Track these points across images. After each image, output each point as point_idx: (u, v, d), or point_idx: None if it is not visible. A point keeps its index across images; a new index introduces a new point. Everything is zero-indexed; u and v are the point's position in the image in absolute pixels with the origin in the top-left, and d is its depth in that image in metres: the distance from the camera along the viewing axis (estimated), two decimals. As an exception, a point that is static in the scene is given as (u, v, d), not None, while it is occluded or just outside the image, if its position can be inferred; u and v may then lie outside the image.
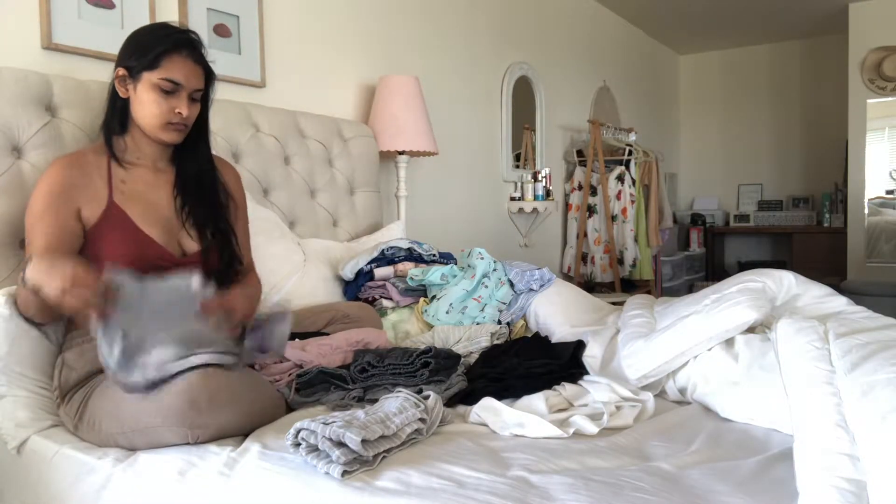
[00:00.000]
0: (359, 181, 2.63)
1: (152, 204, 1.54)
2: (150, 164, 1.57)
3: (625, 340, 1.67)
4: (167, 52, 1.46)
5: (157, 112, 1.48)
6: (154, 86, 1.47)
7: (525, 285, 2.19)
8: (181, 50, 1.48)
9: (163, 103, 1.48)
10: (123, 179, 1.52)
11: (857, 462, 0.98)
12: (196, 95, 1.53)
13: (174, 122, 1.51)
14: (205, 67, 1.54)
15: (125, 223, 1.47)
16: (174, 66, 1.47)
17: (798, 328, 1.35)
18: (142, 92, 1.48)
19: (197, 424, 1.23)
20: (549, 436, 1.26)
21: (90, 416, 1.34)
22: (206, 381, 1.24)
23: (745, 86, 6.18)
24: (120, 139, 1.54)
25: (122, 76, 1.50)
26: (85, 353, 1.42)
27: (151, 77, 1.46)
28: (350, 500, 1.03)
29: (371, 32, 2.93)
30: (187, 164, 1.61)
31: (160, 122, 1.50)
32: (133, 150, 1.55)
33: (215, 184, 1.64)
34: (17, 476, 1.39)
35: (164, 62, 1.46)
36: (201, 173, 1.62)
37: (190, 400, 1.22)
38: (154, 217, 1.52)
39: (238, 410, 1.28)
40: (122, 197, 1.50)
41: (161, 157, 1.59)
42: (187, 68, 1.49)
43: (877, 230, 5.02)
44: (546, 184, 3.91)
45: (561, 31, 4.43)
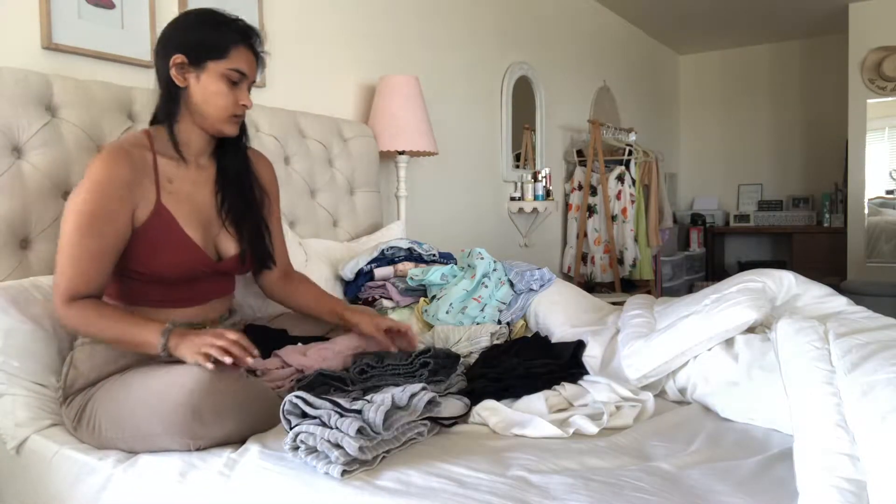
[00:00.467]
0: (359, 181, 2.63)
1: (197, 204, 1.50)
2: (193, 159, 1.52)
3: (625, 340, 1.67)
4: (235, 41, 1.43)
5: (224, 104, 1.44)
6: (222, 76, 1.42)
7: (525, 285, 2.19)
8: (246, 39, 1.45)
9: (230, 94, 1.44)
10: (170, 178, 1.46)
11: (857, 462, 0.98)
12: (251, 86, 1.51)
13: (238, 115, 1.48)
14: (258, 58, 1.50)
15: (172, 227, 1.43)
16: (241, 57, 1.44)
17: (798, 328, 1.35)
18: (207, 82, 1.42)
19: (199, 435, 1.22)
20: (549, 436, 1.26)
21: (90, 420, 1.32)
22: (209, 392, 1.21)
23: (745, 86, 6.18)
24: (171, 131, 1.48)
25: (180, 63, 1.42)
26: (95, 355, 1.39)
27: (219, 67, 1.42)
28: (350, 500, 1.03)
29: (371, 32, 2.93)
30: (229, 159, 1.56)
31: (226, 115, 1.45)
32: (181, 143, 1.48)
33: (252, 179, 1.61)
34: (16, 476, 1.39)
35: (233, 52, 1.42)
36: (241, 169, 1.58)
37: (193, 410, 1.20)
38: (197, 219, 1.49)
39: (240, 420, 1.26)
40: (170, 198, 1.45)
41: (205, 152, 1.54)
42: (250, 59, 1.46)
43: (877, 230, 5.02)
44: (546, 184, 3.91)
45: (561, 31, 4.43)
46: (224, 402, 1.23)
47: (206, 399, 1.21)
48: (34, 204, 1.63)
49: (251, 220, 1.58)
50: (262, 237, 1.60)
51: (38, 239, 1.64)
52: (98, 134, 1.77)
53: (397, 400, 1.22)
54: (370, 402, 1.19)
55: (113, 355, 1.39)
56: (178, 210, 1.45)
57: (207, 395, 1.21)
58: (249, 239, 1.57)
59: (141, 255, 1.41)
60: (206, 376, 1.22)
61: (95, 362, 1.39)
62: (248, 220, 1.57)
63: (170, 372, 1.28)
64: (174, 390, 1.22)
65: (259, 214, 1.61)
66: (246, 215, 1.57)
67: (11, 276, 1.58)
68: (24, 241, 1.63)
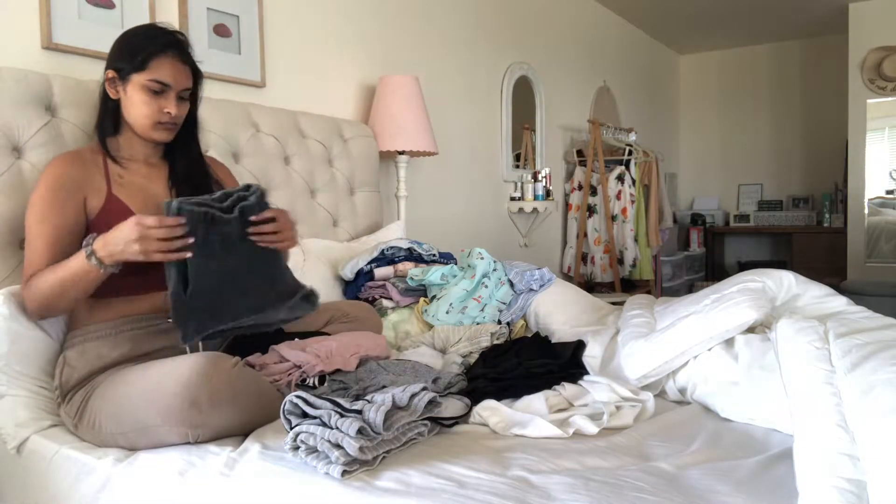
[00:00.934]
0: (359, 181, 2.63)
1: (150, 196, 1.57)
2: (142, 160, 1.61)
3: (625, 340, 1.67)
4: (154, 53, 1.50)
5: (147, 112, 1.52)
6: (143, 87, 1.51)
7: (525, 285, 2.19)
8: (168, 51, 1.52)
9: (152, 103, 1.52)
10: (120, 174, 1.56)
11: (857, 462, 0.98)
12: (184, 94, 1.57)
13: (164, 122, 1.54)
14: (192, 67, 1.58)
15: (125, 213, 1.48)
16: (162, 68, 1.51)
17: (798, 328, 1.35)
18: (132, 93, 1.52)
19: (197, 424, 1.24)
20: (550, 436, 1.26)
21: (90, 416, 1.34)
22: (206, 381, 1.25)
23: (745, 86, 6.18)
24: (113, 139, 1.58)
25: (111, 78, 1.53)
26: (86, 352, 1.42)
27: (140, 79, 1.50)
28: (350, 500, 1.03)
29: (371, 32, 2.93)
30: (178, 161, 1.64)
31: (150, 122, 1.53)
32: (126, 149, 1.59)
33: (207, 179, 1.67)
34: (16, 476, 1.39)
35: (152, 64, 1.50)
36: (192, 169, 1.65)
37: (191, 400, 1.23)
38: (152, 209, 1.52)
39: (238, 409, 1.28)
40: (121, 189, 1.53)
41: (153, 154, 1.63)
42: (175, 69, 1.53)
43: (877, 230, 5.02)
44: (546, 184, 3.91)
45: (561, 31, 4.43)
46: (221, 390, 1.25)
47: (203, 387, 1.24)
48: (34, 204, 1.63)
49: None
50: None
51: (38, 239, 1.64)
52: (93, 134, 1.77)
53: (398, 400, 1.22)
54: (370, 403, 1.19)
55: (105, 349, 1.43)
56: (131, 199, 1.53)
57: (204, 383, 1.24)
58: None
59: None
60: (203, 365, 1.27)
61: (88, 357, 1.42)
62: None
63: (166, 364, 1.32)
64: (171, 380, 1.26)
65: None
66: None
67: (11, 276, 1.58)
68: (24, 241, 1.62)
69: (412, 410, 1.23)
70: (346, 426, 1.11)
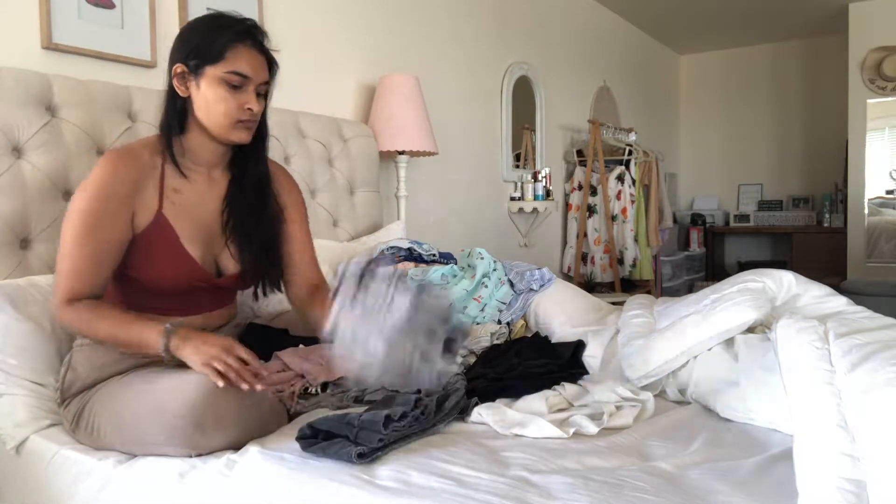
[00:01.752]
0: (359, 181, 2.63)
1: (200, 219, 1.44)
2: (205, 170, 1.47)
3: (625, 340, 1.68)
4: (231, 42, 1.35)
5: (226, 109, 1.37)
6: (220, 80, 1.35)
7: (525, 285, 2.19)
8: (245, 40, 1.37)
9: (231, 99, 1.36)
10: (176, 188, 1.42)
11: (857, 462, 0.98)
12: (262, 89, 1.43)
13: (244, 120, 1.39)
14: (268, 57, 1.43)
15: (171, 239, 1.39)
16: (240, 58, 1.36)
17: (798, 328, 1.35)
18: (206, 89, 1.36)
19: (201, 445, 1.21)
20: (550, 436, 1.26)
21: (88, 423, 1.32)
22: (212, 403, 1.20)
23: (745, 86, 6.18)
24: (178, 141, 1.42)
25: (180, 73, 1.37)
26: (93, 358, 1.38)
27: (216, 71, 1.35)
28: (350, 499, 1.03)
29: (371, 32, 2.93)
30: (247, 170, 1.49)
31: (230, 121, 1.38)
32: (191, 154, 1.44)
33: (268, 193, 1.52)
34: (16, 476, 1.39)
35: (229, 54, 1.35)
36: (257, 180, 1.50)
37: (195, 422, 1.19)
38: (199, 234, 1.44)
39: (241, 430, 1.24)
40: (172, 209, 1.40)
41: (218, 164, 1.48)
42: (253, 59, 1.38)
43: (877, 230, 5.02)
44: (546, 184, 3.91)
45: (561, 31, 4.43)
46: (227, 413, 1.21)
47: (209, 410, 1.19)
48: (34, 204, 1.63)
49: (258, 237, 1.50)
50: (267, 255, 1.52)
51: (38, 239, 1.64)
52: (98, 134, 1.77)
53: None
54: None
55: (112, 358, 1.38)
56: (178, 222, 1.40)
57: (210, 406, 1.20)
58: (252, 258, 1.49)
59: (137, 263, 1.38)
60: (210, 387, 1.20)
61: (94, 364, 1.38)
62: (254, 239, 1.49)
63: (172, 380, 1.26)
64: (177, 401, 1.21)
65: (271, 231, 1.52)
66: (252, 233, 1.49)
67: (11, 276, 1.58)
68: (24, 241, 1.63)
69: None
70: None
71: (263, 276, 1.53)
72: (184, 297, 1.45)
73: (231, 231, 1.48)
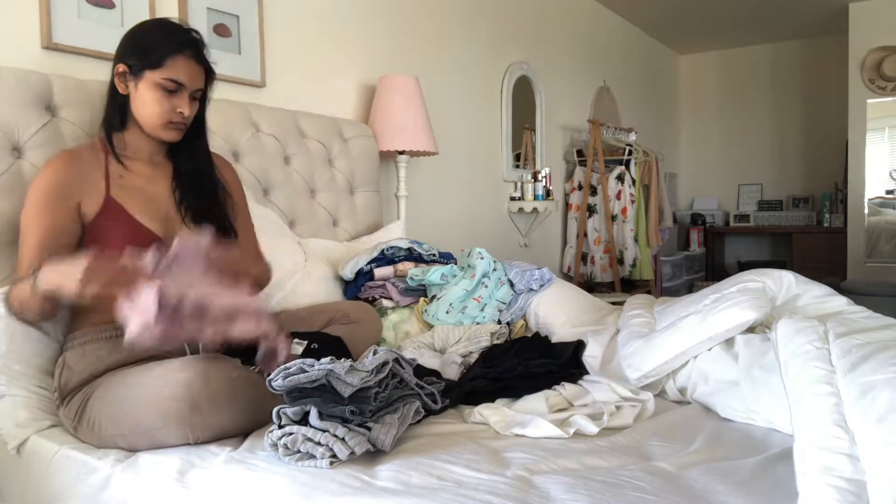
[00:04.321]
0: (359, 181, 2.63)
1: (151, 197, 1.54)
2: (146, 158, 1.58)
3: (625, 340, 1.68)
4: (171, 52, 1.47)
5: (160, 111, 1.49)
6: (157, 85, 1.48)
7: (525, 285, 2.19)
8: (185, 50, 1.49)
9: (165, 102, 1.49)
10: (121, 174, 1.52)
11: (857, 462, 0.98)
12: (196, 94, 1.55)
13: (175, 122, 1.52)
14: (206, 67, 1.55)
15: (124, 216, 1.47)
16: (178, 67, 1.48)
17: (798, 328, 1.35)
18: (143, 90, 1.49)
19: (197, 425, 1.24)
20: (550, 436, 1.26)
21: (89, 419, 1.33)
22: (206, 383, 1.24)
23: (745, 86, 6.18)
24: (119, 136, 1.55)
25: (122, 72, 1.50)
26: (86, 354, 1.41)
27: (154, 76, 1.47)
28: (350, 499, 1.03)
29: (371, 32, 2.93)
30: (184, 160, 1.61)
31: (162, 121, 1.51)
32: (131, 146, 1.56)
33: (214, 179, 1.64)
34: (17, 476, 1.39)
35: (168, 62, 1.47)
36: (198, 169, 1.62)
37: (191, 402, 1.22)
38: (153, 210, 1.52)
39: (238, 411, 1.28)
40: (121, 191, 1.50)
41: (158, 153, 1.61)
42: (190, 68, 1.50)
43: (877, 230, 5.02)
44: (546, 184, 3.91)
45: (561, 31, 4.43)
46: (220, 392, 1.25)
47: (203, 389, 1.23)
48: (34, 204, 1.63)
49: (213, 218, 1.60)
50: (226, 235, 1.62)
51: (38, 239, 1.64)
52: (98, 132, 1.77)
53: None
54: None
55: (104, 352, 1.41)
56: (129, 202, 1.49)
57: (203, 385, 1.24)
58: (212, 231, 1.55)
59: (102, 244, 1.44)
60: (202, 368, 1.26)
61: (88, 359, 1.41)
62: (209, 219, 1.59)
63: (166, 367, 1.31)
64: (171, 382, 1.25)
65: (222, 214, 1.63)
66: (206, 214, 1.59)
67: (11, 276, 1.58)
68: (23, 240, 1.63)
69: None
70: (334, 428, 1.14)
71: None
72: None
73: (186, 209, 1.57)
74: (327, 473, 1.10)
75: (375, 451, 1.18)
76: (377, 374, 1.23)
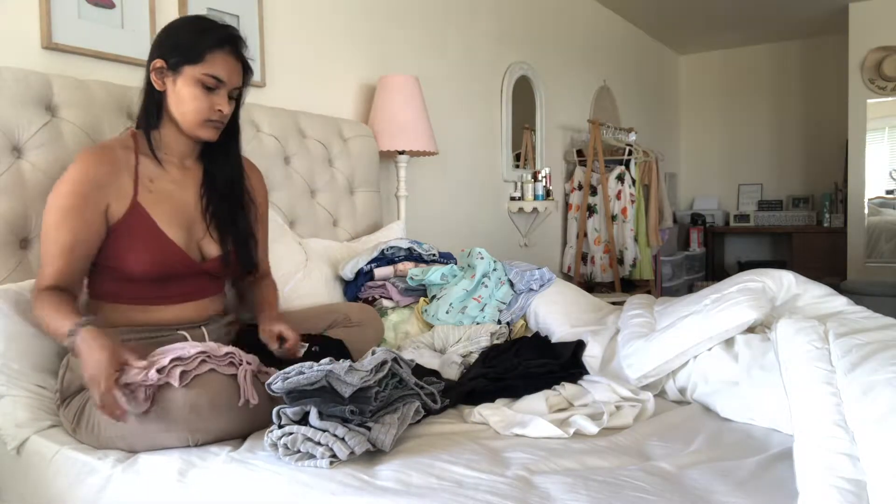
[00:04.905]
0: (359, 181, 2.63)
1: (178, 204, 1.51)
2: (177, 161, 1.54)
3: (625, 340, 1.68)
4: (212, 47, 1.44)
5: (198, 108, 1.45)
6: (196, 81, 1.44)
7: (525, 285, 2.19)
8: (225, 46, 1.46)
9: (204, 99, 1.45)
10: (151, 178, 1.49)
11: (857, 462, 0.98)
12: (234, 93, 1.51)
13: (213, 120, 1.48)
14: (244, 64, 1.51)
15: (148, 225, 1.45)
16: (218, 62, 1.45)
17: (798, 328, 1.35)
18: (182, 86, 1.45)
19: (198, 429, 1.23)
20: (550, 436, 1.26)
21: (88, 421, 1.33)
22: (206, 386, 1.23)
23: (745, 86, 6.18)
24: (155, 133, 1.50)
25: (159, 68, 1.46)
26: None
27: (194, 72, 1.43)
28: (350, 499, 1.03)
29: (371, 32, 2.93)
30: (217, 164, 1.58)
31: (200, 119, 1.47)
32: (165, 146, 1.52)
33: (241, 188, 1.61)
34: (16, 476, 1.39)
35: (208, 57, 1.44)
36: (232, 175, 1.59)
37: (191, 405, 1.21)
38: (178, 219, 1.50)
39: (238, 413, 1.27)
40: (149, 196, 1.46)
41: (190, 155, 1.57)
42: (230, 65, 1.47)
43: (877, 230, 5.02)
44: (546, 184, 3.91)
45: (561, 31, 4.43)
46: (221, 396, 1.24)
47: (204, 394, 1.23)
48: (34, 204, 1.63)
49: (237, 225, 1.58)
50: (247, 244, 1.60)
51: (38, 239, 1.64)
52: (98, 134, 1.77)
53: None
54: None
55: None
56: (155, 209, 1.46)
57: (204, 388, 1.23)
58: (235, 245, 1.57)
59: (117, 252, 1.43)
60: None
61: None
62: (233, 226, 1.57)
63: None
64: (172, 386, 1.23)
65: (246, 221, 1.61)
66: (231, 221, 1.57)
67: (11, 276, 1.58)
68: (24, 241, 1.63)
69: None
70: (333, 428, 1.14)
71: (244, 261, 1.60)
72: (167, 284, 1.47)
73: (212, 216, 1.55)
74: (327, 473, 1.10)
75: (375, 451, 1.18)
76: (376, 373, 1.23)
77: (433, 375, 1.58)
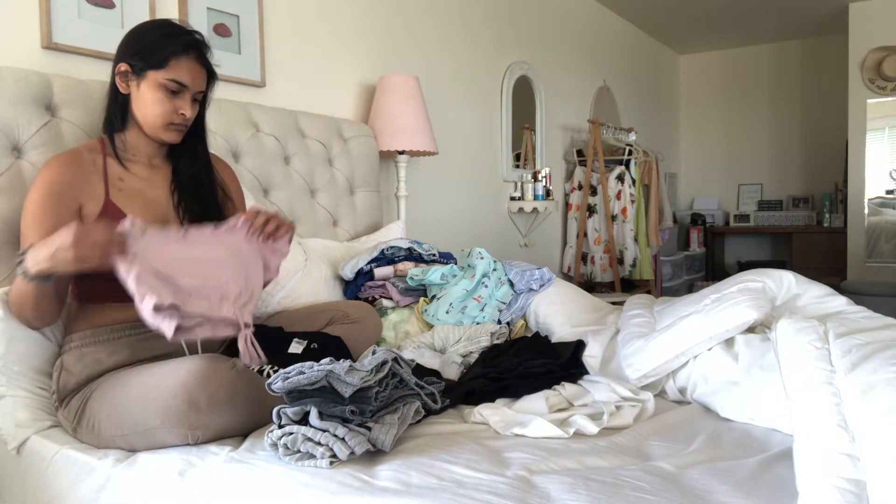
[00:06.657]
0: (359, 181, 2.63)
1: (150, 201, 1.53)
2: (145, 160, 1.57)
3: (625, 340, 1.68)
4: (176, 53, 1.46)
5: (161, 112, 1.48)
6: (160, 85, 1.46)
7: (525, 285, 2.19)
8: (190, 52, 1.48)
9: (167, 103, 1.47)
10: (121, 177, 1.51)
11: (857, 462, 0.98)
12: (198, 96, 1.54)
13: (176, 123, 1.50)
14: (209, 69, 1.54)
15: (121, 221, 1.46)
16: (182, 68, 1.47)
17: (798, 328, 1.35)
18: (146, 90, 1.47)
19: (196, 425, 1.24)
20: (550, 436, 1.26)
21: (89, 420, 1.33)
22: (205, 382, 1.24)
23: (745, 86, 6.18)
24: (119, 136, 1.53)
25: (124, 72, 1.48)
26: (84, 356, 1.41)
27: (158, 76, 1.46)
28: (350, 499, 1.03)
29: (371, 32, 2.93)
30: (184, 163, 1.60)
31: (163, 122, 1.49)
32: (130, 148, 1.55)
33: (213, 183, 1.64)
34: (16, 476, 1.39)
35: (172, 63, 1.46)
36: (198, 172, 1.61)
37: (189, 401, 1.22)
38: (152, 216, 1.51)
39: (237, 410, 1.28)
40: (120, 195, 1.49)
41: (156, 155, 1.59)
42: (194, 71, 1.49)
43: (877, 230, 5.02)
44: (546, 184, 3.91)
45: (561, 31, 4.43)
46: (219, 392, 1.25)
47: (202, 389, 1.23)
48: (34, 204, 1.63)
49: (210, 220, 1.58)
50: None
51: (38, 239, 1.64)
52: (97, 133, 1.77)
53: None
54: None
55: (102, 354, 1.41)
56: (129, 206, 1.47)
57: (202, 384, 1.24)
58: None
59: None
60: (201, 367, 1.26)
61: (86, 362, 1.41)
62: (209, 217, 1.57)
63: (165, 366, 1.31)
64: (170, 382, 1.25)
65: (220, 217, 1.61)
66: (204, 217, 1.57)
67: (11, 276, 1.58)
68: (23, 240, 1.63)
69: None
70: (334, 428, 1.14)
71: None
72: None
73: (184, 211, 1.57)
74: (327, 473, 1.10)
75: (375, 451, 1.18)
76: (377, 373, 1.23)
77: (433, 375, 1.57)
